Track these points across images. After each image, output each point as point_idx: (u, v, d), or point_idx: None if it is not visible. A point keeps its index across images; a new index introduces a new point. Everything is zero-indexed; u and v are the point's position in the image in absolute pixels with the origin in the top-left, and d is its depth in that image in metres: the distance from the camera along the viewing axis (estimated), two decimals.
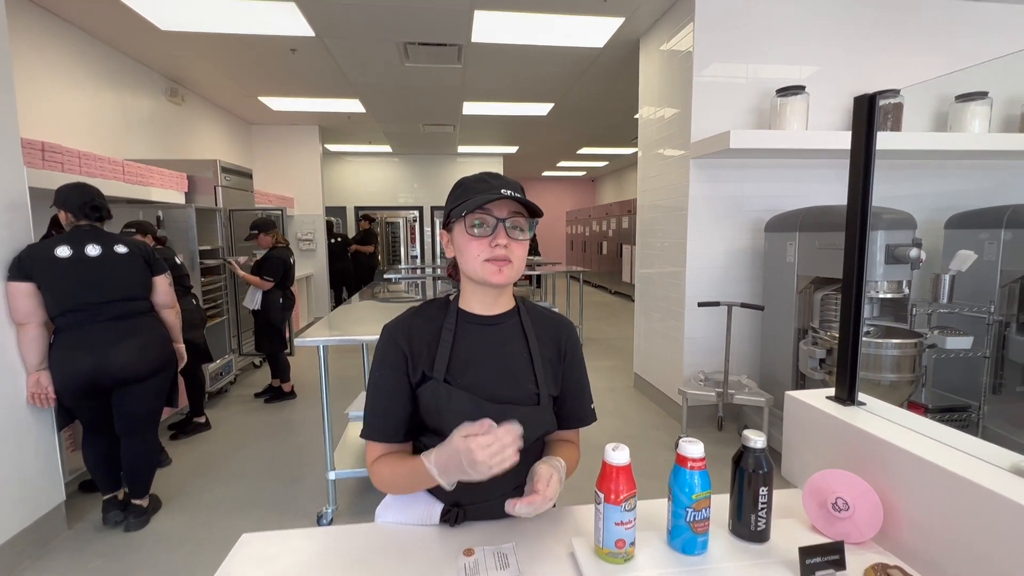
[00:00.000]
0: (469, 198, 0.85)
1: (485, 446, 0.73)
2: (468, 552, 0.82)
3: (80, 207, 2.07)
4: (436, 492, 0.91)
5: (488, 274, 0.85)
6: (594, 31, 3.61)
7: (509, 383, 0.90)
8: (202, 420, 3.29)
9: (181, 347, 2.38)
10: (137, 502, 2.26)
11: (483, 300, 0.92)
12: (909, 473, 0.79)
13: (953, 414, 2.85)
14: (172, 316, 2.31)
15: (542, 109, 5.82)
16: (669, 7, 3.25)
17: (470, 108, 5.74)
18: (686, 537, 0.78)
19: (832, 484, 0.84)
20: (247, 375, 4.57)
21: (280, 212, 4.49)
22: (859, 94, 0.89)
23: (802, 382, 2.81)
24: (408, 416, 0.90)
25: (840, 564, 0.74)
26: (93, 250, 2.06)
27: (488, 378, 0.89)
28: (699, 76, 3.03)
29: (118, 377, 2.06)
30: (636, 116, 4.04)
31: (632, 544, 0.76)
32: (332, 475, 2.29)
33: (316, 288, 6.96)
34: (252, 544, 0.86)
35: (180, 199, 3.78)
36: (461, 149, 8.53)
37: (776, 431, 2.72)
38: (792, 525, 0.86)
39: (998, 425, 2.78)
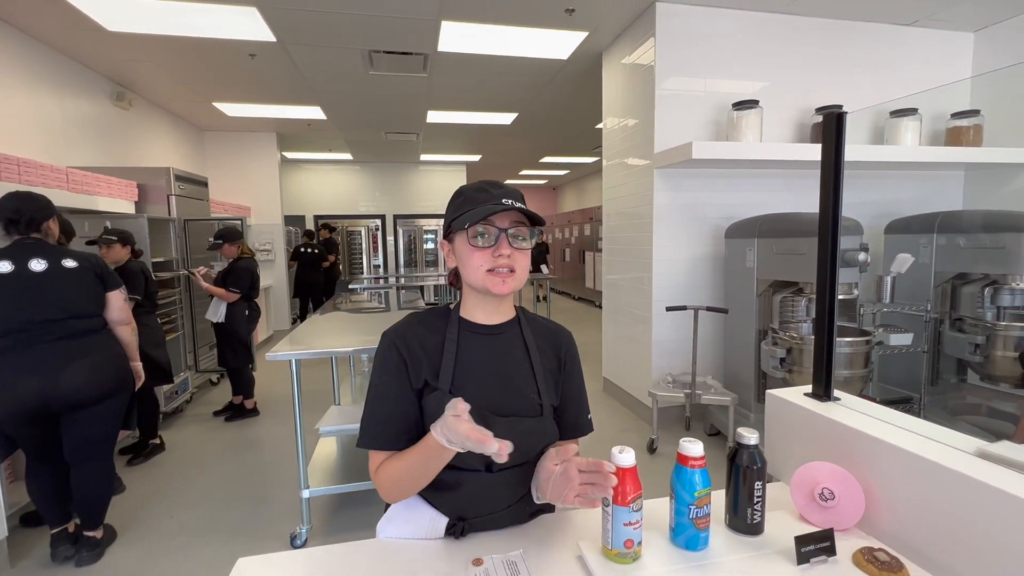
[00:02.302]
0: (470, 208, 0.85)
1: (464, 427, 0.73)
2: (477, 562, 0.82)
3: (4, 223, 1.92)
4: (440, 505, 0.91)
5: (491, 285, 0.86)
6: (559, 44, 3.70)
7: (512, 393, 0.91)
8: (157, 442, 3.11)
9: (138, 365, 2.25)
10: (90, 534, 2.10)
11: (485, 309, 0.93)
12: (886, 461, 0.85)
13: (897, 406, 3.07)
14: (128, 333, 2.18)
15: (506, 119, 5.89)
16: (631, 23, 3.38)
17: (434, 117, 5.73)
18: (689, 534, 0.81)
19: (817, 475, 0.89)
20: (204, 393, 4.34)
21: (240, 221, 4.32)
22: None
23: (764, 381, 2.95)
24: (413, 423, 0.89)
25: (831, 550, 0.79)
26: (38, 265, 1.92)
27: (492, 389, 0.90)
28: (660, 89, 3.15)
29: (69, 400, 1.92)
30: (599, 126, 4.15)
31: (640, 544, 0.79)
32: (306, 493, 2.21)
33: (275, 300, 6.72)
34: (249, 569, 0.82)
35: (130, 208, 3.58)
36: (424, 157, 8.48)
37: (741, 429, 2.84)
38: (782, 516, 0.91)
39: (936, 414, 3.01)
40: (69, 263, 1.99)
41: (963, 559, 0.74)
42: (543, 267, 8.46)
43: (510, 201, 0.85)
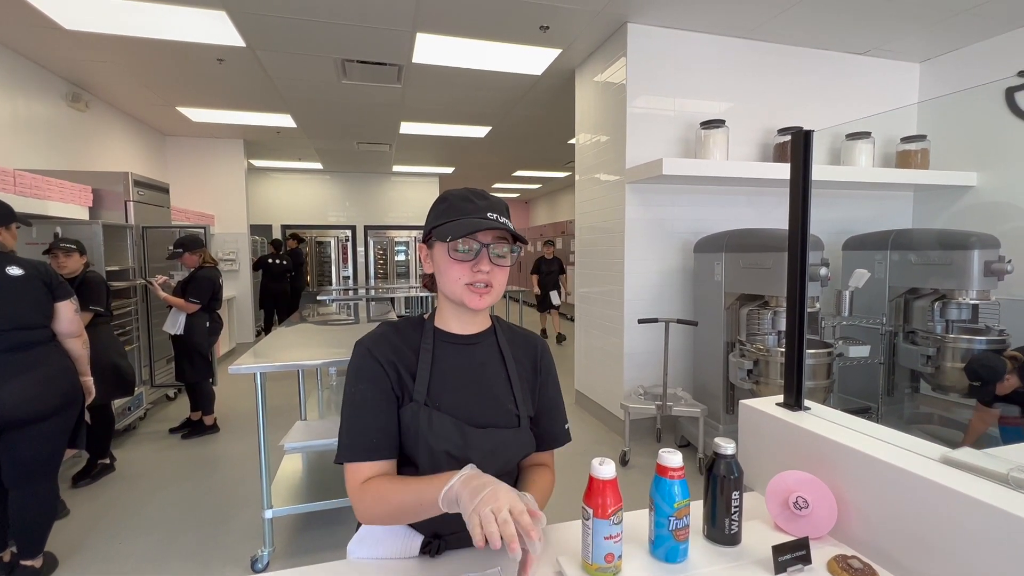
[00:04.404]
0: (454, 218, 0.83)
1: (492, 520, 0.65)
2: None
3: None
4: (415, 524, 0.87)
5: (468, 299, 0.84)
6: (533, 60, 3.75)
7: (489, 404, 0.89)
8: (107, 462, 2.92)
9: (89, 380, 2.12)
10: (28, 563, 1.95)
11: (460, 319, 0.91)
12: (856, 469, 0.87)
13: (857, 415, 3.19)
14: (78, 346, 2.05)
15: (480, 132, 5.92)
16: (603, 42, 3.46)
17: (408, 128, 5.70)
18: (669, 546, 0.81)
19: (791, 484, 0.90)
20: (160, 409, 4.13)
21: (203, 230, 4.17)
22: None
23: (732, 392, 3.02)
24: (395, 432, 0.85)
25: (807, 559, 0.80)
26: None
27: (469, 400, 0.88)
28: (632, 107, 3.23)
29: (12, 418, 1.79)
30: (571, 141, 4.22)
31: (620, 558, 0.78)
32: (269, 513, 2.11)
33: (239, 311, 6.49)
34: None
35: (83, 214, 3.40)
36: (396, 168, 8.42)
37: (710, 439, 2.89)
38: (757, 526, 0.92)
39: (892, 423, 3.13)
40: (14, 271, 1.87)
41: (932, 564, 0.75)
42: (554, 294, 6.36)
43: (495, 215, 0.83)
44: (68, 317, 2.00)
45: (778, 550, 0.78)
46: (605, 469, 0.77)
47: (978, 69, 3.46)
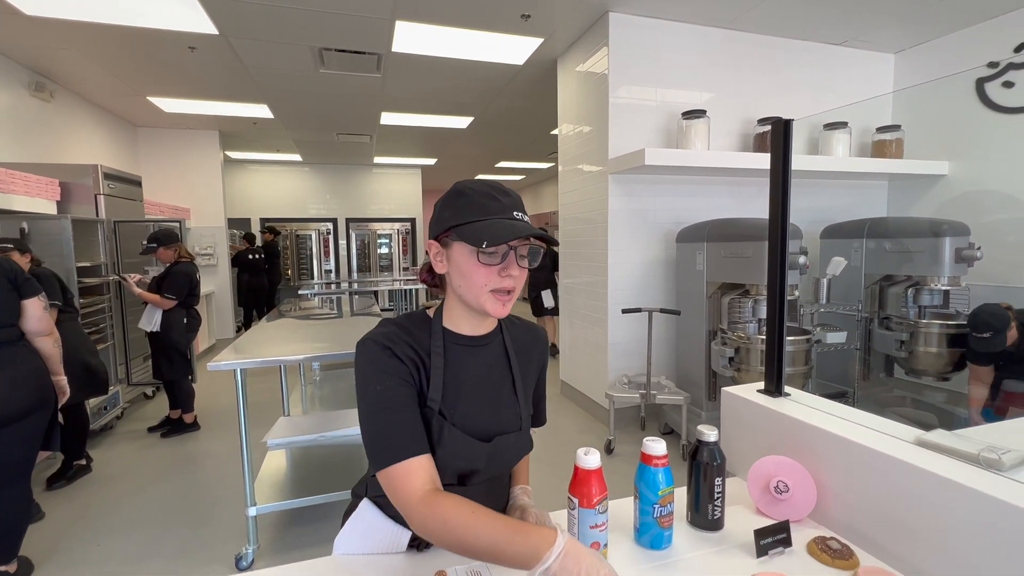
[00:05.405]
0: (480, 217, 0.77)
1: None
2: (440, 574, 0.79)
3: None
4: (402, 519, 0.83)
5: (491, 307, 0.79)
6: (515, 49, 3.71)
7: (496, 411, 0.87)
8: (83, 463, 2.85)
9: (62, 379, 2.05)
10: (2, 568, 1.89)
11: (472, 321, 0.86)
12: (835, 452, 0.89)
13: (834, 400, 3.27)
14: (49, 345, 1.98)
15: (462, 122, 5.86)
16: (585, 31, 3.44)
17: (388, 118, 5.62)
18: (654, 533, 0.82)
19: (772, 469, 0.92)
20: (137, 408, 4.04)
21: (179, 224, 4.06)
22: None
23: (714, 379, 3.07)
24: (424, 430, 0.79)
25: (787, 541, 0.81)
26: None
27: (478, 409, 0.85)
28: (614, 97, 3.23)
29: None
30: (554, 132, 4.20)
31: (606, 546, 0.78)
32: (253, 511, 2.08)
33: (218, 307, 6.36)
34: None
35: (51, 209, 3.29)
36: (378, 160, 8.30)
37: (693, 426, 2.94)
38: (739, 511, 0.94)
39: (868, 407, 3.22)
40: None
41: (907, 542, 0.78)
42: (547, 295, 5.29)
43: (520, 215, 0.78)
44: (36, 315, 1.93)
45: (759, 534, 0.80)
46: (590, 459, 0.78)
47: (951, 60, 3.53)
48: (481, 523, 0.68)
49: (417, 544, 0.85)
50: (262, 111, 5.25)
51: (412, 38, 3.49)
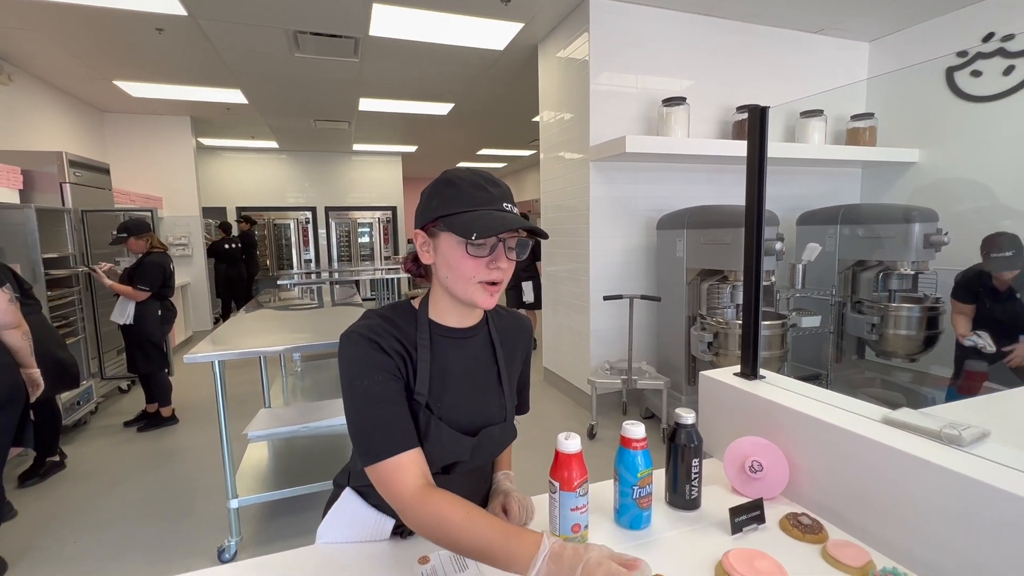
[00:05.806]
0: (470, 208, 0.75)
1: None
2: (423, 560, 0.80)
3: None
4: (385, 507, 0.85)
5: (479, 298, 0.78)
6: (495, 34, 3.66)
7: (482, 403, 0.87)
8: (56, 459, 2.79)
9: (34, 372, 1.99)
10: None
11: (459, 313, 0.85)
12: (807, 432, 0.92)
13: (808, 382, 3.37)
14: (17, 338, 1.92)
15: (442, 109, 5.78)
16: (565, 16, 3.41)
17: (367, 104, 5.51)
18: (633, 513, 0.84)
19: (747, 449, 0.95)
20: (112, 402, 3.95)
21: (151, 213, 3.94)
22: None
23: (693, 364, 3.12)
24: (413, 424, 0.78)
25: (761, 518, 0.84)
26: None
27: (464, 401, 0.84)
28: (595, 83, 3.22)
29: None
30: (535, 119, 4.17)
31: (586, 527, 0.80)
32: (234, 503, 2.07)
33: (195, 298, 6.22)
34: None
35: (13, 198, 3.16)
36: (357, 147, 8.16)
37: (673, 410, 3.01)
38: (716, 490, 0.96)
39: (840, 389, 3.33)
40: None
41: (873, 517, 0.81)
42: (527, 287, 4.93)
43: (510, 206, 0.77)
44: (1, 307, 1.87)
45: (734, 512, 0.83)
46: (570, 443, 0.79)
47: (923, 49, 3.60)
48: (476, 525, 0.68)
49: (400, 531, 0.86)
50: (236, 96, 5.10)
51: (390, 21, 3.42)
